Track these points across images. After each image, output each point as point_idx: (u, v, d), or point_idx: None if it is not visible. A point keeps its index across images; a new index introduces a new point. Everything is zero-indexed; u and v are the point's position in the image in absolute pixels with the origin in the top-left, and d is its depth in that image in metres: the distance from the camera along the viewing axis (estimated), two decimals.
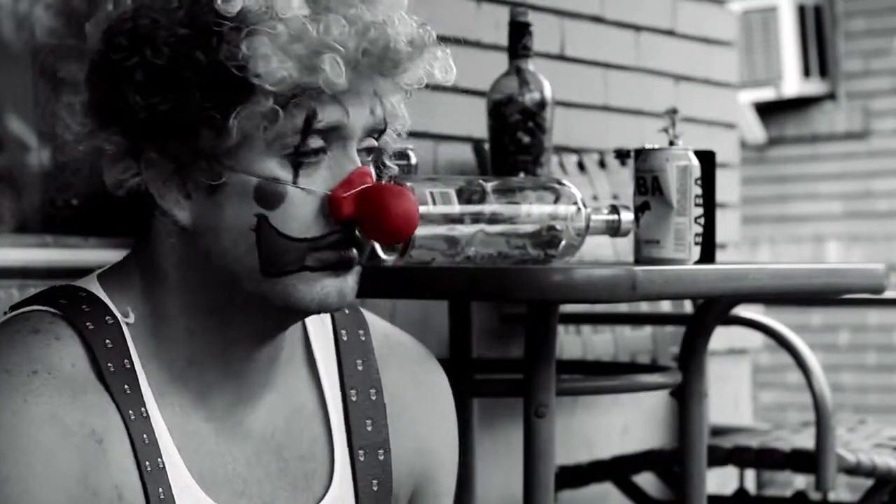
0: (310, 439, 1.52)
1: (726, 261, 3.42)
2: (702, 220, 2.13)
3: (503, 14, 2.78)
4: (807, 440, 2.99)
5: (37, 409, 1.35)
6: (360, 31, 1.36)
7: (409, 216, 1.39)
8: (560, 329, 2.89)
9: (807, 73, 8.56)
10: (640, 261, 2.12)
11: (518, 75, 2.58)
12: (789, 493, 3.90)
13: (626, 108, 3.60)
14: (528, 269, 1.96)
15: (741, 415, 4.00)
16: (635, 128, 3.59)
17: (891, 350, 8.21)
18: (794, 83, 8.57)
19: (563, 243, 1.97)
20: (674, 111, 2.33)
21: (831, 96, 8.61)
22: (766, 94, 8.61)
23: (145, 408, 1.41)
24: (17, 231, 2.81)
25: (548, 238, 1.96)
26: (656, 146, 2.14)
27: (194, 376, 1.44)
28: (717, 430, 3.48)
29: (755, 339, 4.02)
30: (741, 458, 3.01)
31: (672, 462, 3.03)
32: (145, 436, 1.40)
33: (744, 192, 4.80)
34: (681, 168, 2.11)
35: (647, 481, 3.29)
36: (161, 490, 1.40)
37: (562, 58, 3.41)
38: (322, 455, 1.52)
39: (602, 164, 3.26)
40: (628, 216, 2.07)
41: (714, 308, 2.45)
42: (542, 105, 2.58)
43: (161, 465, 1.40)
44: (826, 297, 4.08)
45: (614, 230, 2.05)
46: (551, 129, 2.60)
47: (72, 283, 1.45)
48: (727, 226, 3.75)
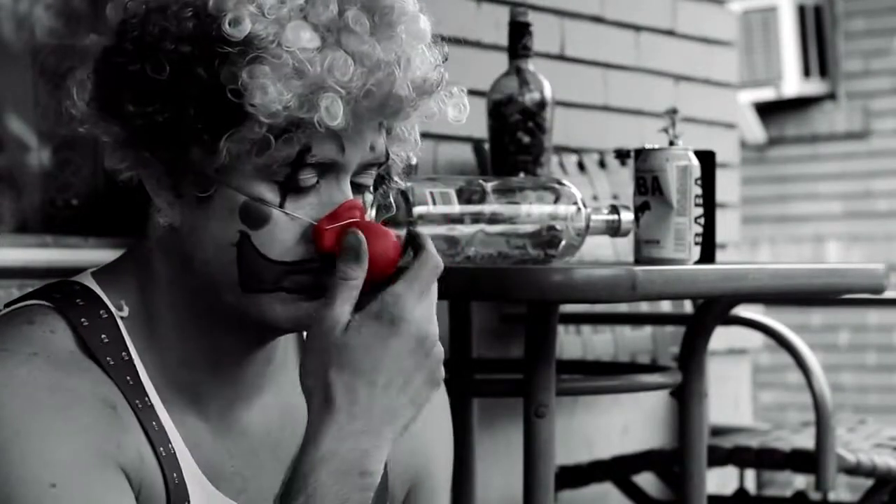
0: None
1: (726, 261, 3.42)
2: (702, 220, 2.13)
3: (503, 14, 2.78)
4: (807, 440, 2.99)
5: (44, 380, 1.34)
6: (366, 71, 1.34)
7: (385, 259, 1.37)
8: (560, 329, 2.88)
9: (807, 73, 8.56)
10: (640, 261, 2.12)
11: (518, 75, 2.58)
12: (789, 493, 3.90)
13: (626, 108, 3.60)
14: (528, 269, 1.96)
15: (741, 415, 4.00)
16: (635, 128, 3.58)
17: (891, 350, 8.21)
18: (794, 83, 8.56)
19: (563, 243, 1.97)
20: (674, 111, 2.32)
21: (831, 96, 8.61)
22: (766, 94, 8.61)
23: (148, 398, 1.41)
24: (17, 231, 2.81)
25: (548, 238, 1.96)
26: (656, 146, 2.13)
27: (187, 375, 1.44)
28: (717, 430, 3.48)
29: (755, 339, 4.02)
30: (741, 458, 3.00)
31: (672, 462, 3.03)
32: (154, 423, 1.40)
33: (744, 192, 4.80)
34: (681, 168, 2.11)
35: (647, 481, 3.29)
36: (175, 475, 1.40)
37: (562, 58, 3.41)
38: None
39: (602, 164, 3.26)
40: (628, 216, 2.06)
41: (714, 308, 2.45)
42: (542, 105, 2.57)
43: (172, 452, 1.40)
44: (826, 297, 4.08)
45: (614, 230, 2.05)
46: (551, 129, 2.60)
47: (65, 279, 1.45)
48: (727, 226, 3.74)
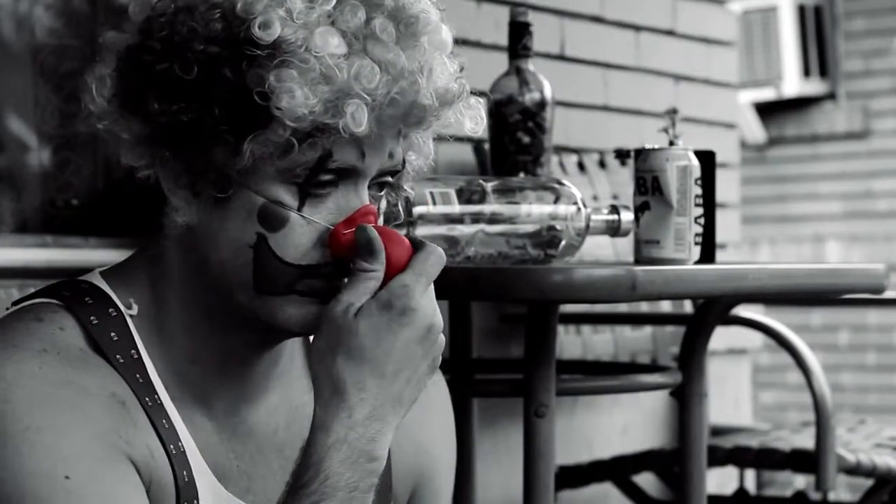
0: None
1: (726, 261, 3.41)
2: (702, 220, 2.12)
3: (503, 14, 2.77)
4: (807, 440, 2.99)
5: (53, 375, 1.35)
6: (390, 79, 1.35)
7: (399, 264, 1.39)
8: (560, 329, 2.88)
9: (807, 73, 8.56)
10: (640, 261, 2.12)
11: (518, 75, 2.58)
12: (789, 493, 3.90)
13: (626, 108, 3.60)
14: (528, 269, 1.96)
15: (741, 415, 4.00)
16: (635, 128, 3.58)
17: (891, 350, 8.21)
18: (794, 83, 8.57)
19: (563, 243, 1.97)
20: (674, 111, 2.32)
21: (831, 96, 8.61)
22: (766, 94, 8.61)
23: (158, 396, 1.41)
24: (17, 231, 2.81)
25: (548, 238, 1.96)
26: (656, 146, 2.13)
27: (195, 374, 1.44)
28: (717, 430, 3.48)
29: (755, 339, 4.02)
30: (741, 458, 3.00)
31: (672, 462, 3.03)
32: (164, 421, 1.40)
33: (744, 192, 4.80)
34: (681, 168, 2.11)
35: (647, 481, 3.29)
36: (185, 473, 1.40)
37: (562, 58, 3.41)
38: None
39: (602, 164, 3.26)
40: (628, 216, 2.06)
41: (714, 308, 2.45)
42: (542, 105, 2.57)
43: (182, 450, 1.41)
44: (826, 297, 4.08)
45: (614, 230, 2.05)
46: (551, 129, 2.59)
47: (74, 279, 1.46)
48: (727, 226, 3.74)
